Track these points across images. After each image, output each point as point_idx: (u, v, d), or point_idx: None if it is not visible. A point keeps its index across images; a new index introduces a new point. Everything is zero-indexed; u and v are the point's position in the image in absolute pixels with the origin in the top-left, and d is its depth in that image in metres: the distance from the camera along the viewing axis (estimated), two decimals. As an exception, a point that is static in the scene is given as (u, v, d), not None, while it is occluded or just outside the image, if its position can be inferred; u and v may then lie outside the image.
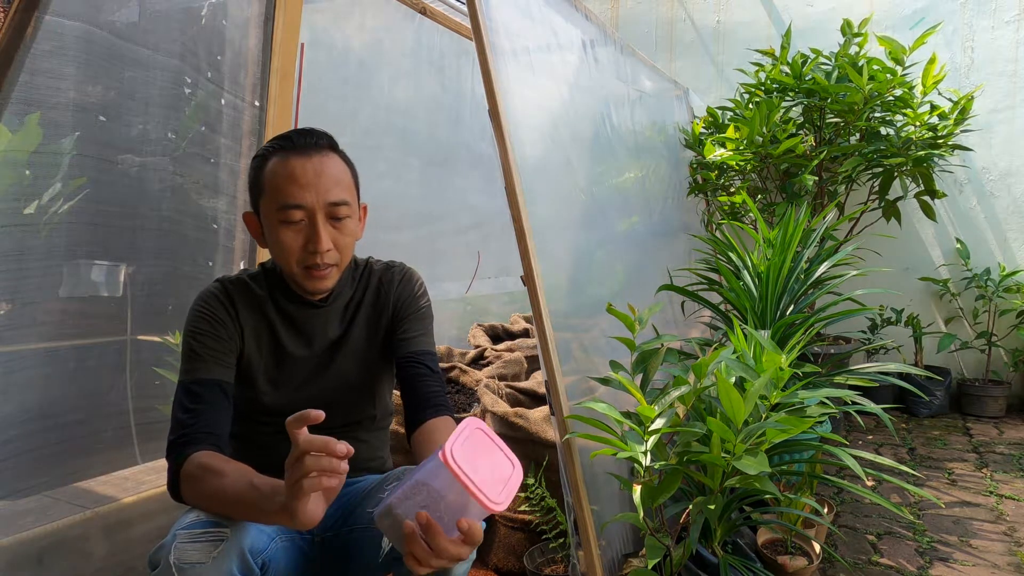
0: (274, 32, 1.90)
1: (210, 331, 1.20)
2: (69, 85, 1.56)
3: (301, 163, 1.17)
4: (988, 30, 3.66)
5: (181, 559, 0.94)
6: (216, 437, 1.12)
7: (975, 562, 1.97)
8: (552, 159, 2.02)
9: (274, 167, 1.18)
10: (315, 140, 1.20)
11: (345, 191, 1.20)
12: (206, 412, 1.13)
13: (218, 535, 0.98)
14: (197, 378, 1.16)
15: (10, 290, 1.49)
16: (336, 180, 1.19)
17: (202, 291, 1.24)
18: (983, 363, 3.69)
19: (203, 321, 1.20)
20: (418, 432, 1.21)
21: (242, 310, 1.25)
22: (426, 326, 1.35)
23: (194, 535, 0.97)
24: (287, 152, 1.18)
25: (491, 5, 1.69)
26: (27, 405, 1.52)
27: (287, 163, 1.17)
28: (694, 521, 1.41)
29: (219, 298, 1.23)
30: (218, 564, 0.96)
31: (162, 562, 0.95)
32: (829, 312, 2.06)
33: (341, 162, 1.23)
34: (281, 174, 1.16)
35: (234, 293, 1.25)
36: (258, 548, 1.04)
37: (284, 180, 1.16)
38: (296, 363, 1.28)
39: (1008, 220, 3.66)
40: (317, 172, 1.17)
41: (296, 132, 1.21)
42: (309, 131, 1.21)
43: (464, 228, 3.32)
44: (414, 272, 1.39)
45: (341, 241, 1.21)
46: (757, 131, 3.01)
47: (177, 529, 0.99)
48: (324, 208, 1.17)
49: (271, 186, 1.17)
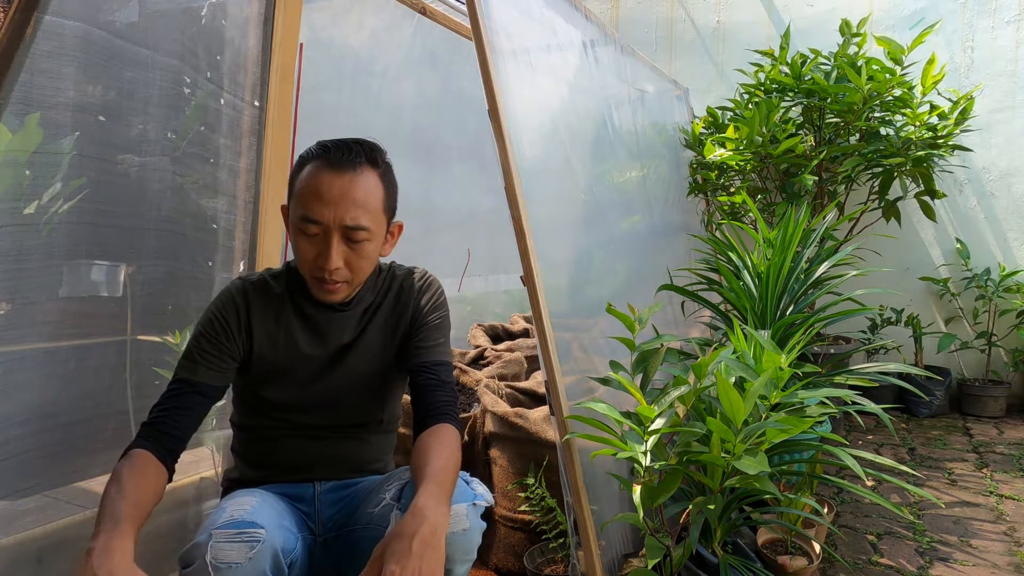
0: (274, 32, 1.90)
1: (212, 335, 1.22)
2: (69, 85, 1.55)
3: (329, 179, 1.16)
4: (988, 30, 3.66)
5: (218, 558, 0.96)
6: (169, 439, 1.15)
7: (975, 562, 1.97)
8: (552, 159, 2.02)
9: (306, 175, 1.18)
10: (352, 157, 1.18)
11: (366, 216, 1.18)
12: (173, 413, 1.16)
13: (254, 535, 1.00)
14: (182, 377, 1.20)
15: (10, 290, 1.49)
16: (359, 203, 1.17)
17: (223, 289, 1.27)
18: (983, 363, 3.69)
19: (210, 324, 1.23)
20: (417, 441, 1.22)
21: (257, 312, 1.26)
22: (443, 335, 1.36)
23: (230, 535, 0.99)
24: (321, 164, 1.17)
25: (491, 5, 1.69)
26: (27, 405, 1.51)
27: (317, 176, 1.17)
28: (694, 521, 1.41)
29: (235, 301, 1.25)
30: (254, 564, 0.97)
31: (197, 561, 0.97)
32: (829, 312, 2.06)
33: (375, 182, 1.20)
34: (308, 185, 1.17)
35: (252, 295, 1.26)
36: (288, 548, 1.06)
37: (309, 192, 1.16)
38: (308, 361, 1.29)
39: (1008, 220, 3.66)
40: (343, 192, 1.16)
41: (336, 145, 1.19)
42: (349, 146, 1.19)
43: (457, 224, 3.31)
44: (435, 280, 1.39)
45: (355, 262, 1.20)
46: (757, 131, 3.01)
47: (212, 528, 1.00)
48: (340, 229, 1.17)
49: (298, 193, 1.19)
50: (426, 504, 1.02)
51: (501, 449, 1.98)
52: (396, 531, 0.99)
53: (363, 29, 2.64)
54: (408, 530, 0.99)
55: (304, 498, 1.29)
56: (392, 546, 0.98)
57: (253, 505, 1.05)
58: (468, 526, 1.12)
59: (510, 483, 1.93)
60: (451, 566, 1.11)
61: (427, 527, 0.99)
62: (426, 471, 1.10)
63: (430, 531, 0.99)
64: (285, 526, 1.07)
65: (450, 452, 1.17)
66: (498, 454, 1.99)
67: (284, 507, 1.16)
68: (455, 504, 1.12)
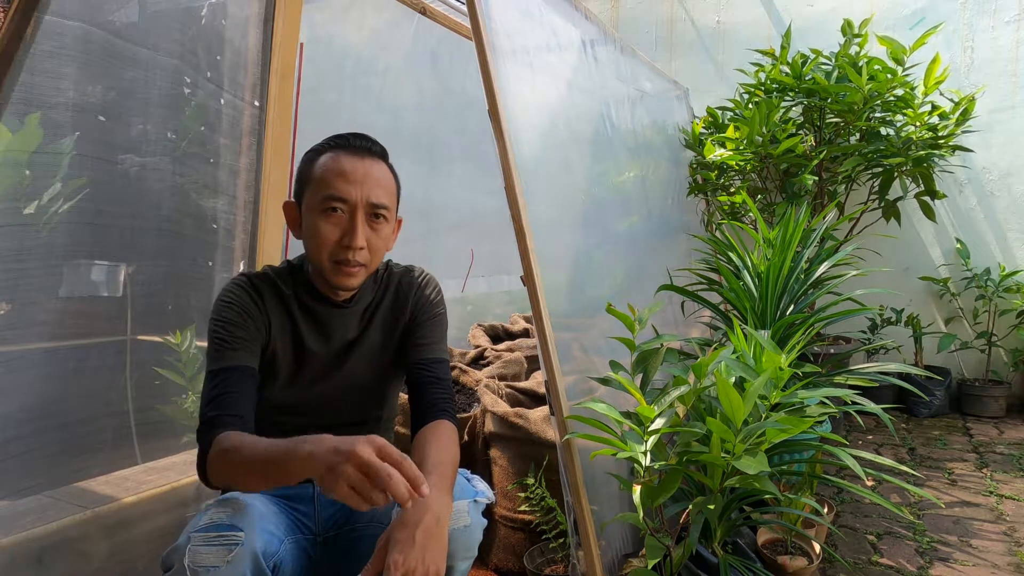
0: (274, 32, 1.90)
1: (237, 320, 1.20)
2: (69, 85, 1.55)
3: (352, 161, 1.22)
4: (988, 30, 3.66)
5: (196, 562, 0.95)
6: (241, 420, 1.12)
7: (975, 562, 1.97)
8: (552, 159, 2.02)
9: (326, 161, 1.22)
10: (369, 145, 1.26)
11: (387, 196, 1.25)
12: (230, 396, 1.14)
13: (232, 539, 0.98)
14: (223, 366, 1.17)
15: (10, 290, 1.49)
16: (382, 184, 1.24)
17: (228, 283, 1.26)
18: (983, 363, 3.69)
19: (230, 310, 1.20)
20: (416, 436, 1.23)
21: (268, 301, 1.26)
22: (440, 333, 1.37)
23: (208, 538, 0.98)
24: (341, 149, 1.23)
25: (491, 5, 1.69)
26: (27, 405, 1.51)
27: (339, 159, 1.22)
28: (694, 521, 1.41)
29: (246, 289, 1.24)
30: (232, 568, 0.96)
31: (176, 564, 0.96)
32: (829, 312, 2.05)
33: (388, 170, 1.28)
34: (331, 168, 1.21)
35: (260, 286, 1.26)
36: (270, 551, 1.05)
37: (333, 174, 1.20)
38: (313, 361, 1.29)
39: (1008, 220, 3.66)
40: (366, 172, 1.22)
41: (353, 134, 1.26)
42: (365, 136, 1.27)
43: (459, 225, 3.32)
44: (432, 278, 1.41)
45: (375, 243, 1.24)
46: (757, 131, 3.00)
47: (191, 531, 0.99)
48: (365, 206, 1.21)
49: (319, 177, 1.21)
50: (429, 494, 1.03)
51: (501, 449, 1.98)
52: (400, 521, 1.01)
53: (363, 29, 2.64)
54: (412, 520, 1.00)
55: (304, 498, 1.29)
56: (396, 536, 0.99)
57: (235, 508, 1.04)
58: (469, 522, 1.13)
59: (510, 483, 1.93)
60: (452, 563, 1.12)
61: (430, 516, 1.01)
62: (426, 464, 1.12)
63: (433, 520, 1.01)
64: (267, 529, 1.05)
65: (449, 447, 1.18)
66: (498, 454, 1.99)
67: (272, 509, 1.15)
68: (457, 501, 1.12)
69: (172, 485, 1.68)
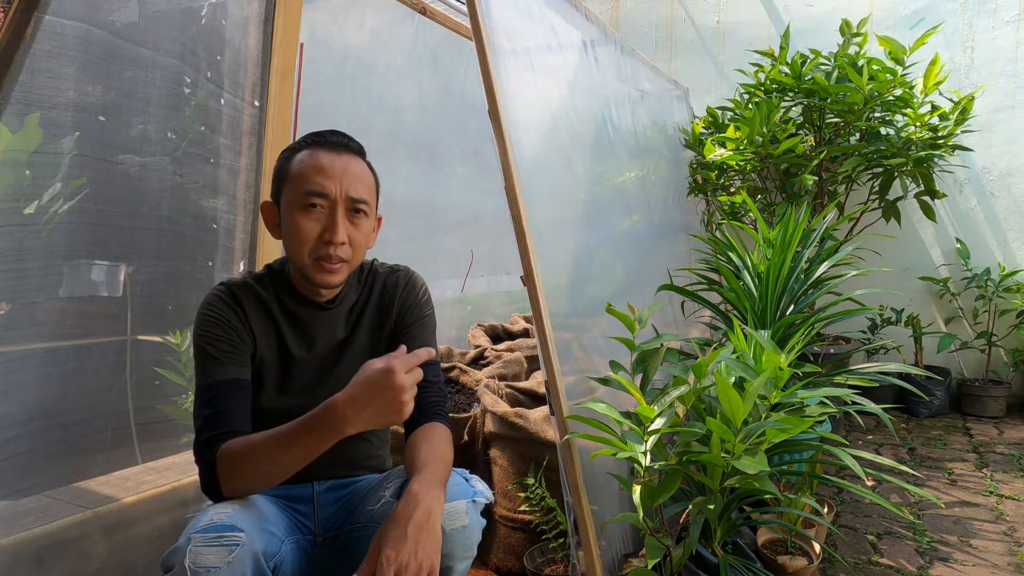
0: (274, 32, 1.90)
1: (221, 334, 1.19)
2: (69, 85, 1.55)
3: (330, 157, 1.22)
4: (988, 30, 3.66)
5: (196, 563, 0.95)
6: (238, 434, 1.12)
7: (975, 562, 1.97)
8: (552, 159, 2.02)
9: (304, 157, 1.22)
10: (346, 141, 1.26)
11: (367, 191, 1.25)
12: (225, 411, 1.14)
13: (233, 539, 0.98)
14: (213, 381, 1.16)
15: (10, 290, 1.49)
16: (361, 179, 1.24)
17: (207, 295, 1.24)
18: (983, 363, 3.69)
19: (212, 324, 1.20)
20: (408, 440, 1.23)
21: (250, 311, 1.24)
22: (429, 333, 1.36)
23: (208, 539, 0.97)
24: (319, 146, 1.23)
25: (491, 5, 1.69)
26: (27, 405, 1.51)
27: (317, 155, 1.22)
28: (694, 521, 1.41)
29: (225, 300, 1.23)
30: (233, 568, 0.96)
31: (176, 565, 0.96)
32: (829, 312, 2.05)
33: (367, 167, 1.28)
34: (310, 164, 1.21)
35: (240, 295, 1.25)
36: (271, 552, 1.05)
37: (312, 169, 1.20)
38: (300, 366, 1.28)
39: (1008, 220, 3.66)
40: (344, 168, 1.22)
41: (329, 132, 1.26)
42: (342, 133, 1.27)
43: (459, 225, 3.32)
44: (418, 277, 1.40)
45: (356, 238, 1.23)
46: (757, 131, 3.01)
47: (192, 532, 0.99)
48: (345, 201, 1.21)
49: (298, 174, 1.21)
50: (419, 489, 1.04)
51: (501, 449, 1.98)
52: (391, 517, 1.01)
53: (364, 29, 2.64)
54: (403, 515, 1.01)
55: (303, 498, 1.29)
56: (388, 532, 1.00)
57: (235, 508, 1.04)
58: (468, 522, 1.13)
59: (510, 483, 1.93)
60: (451, 563, 1.12)
61: (421, 511, 1.01)
62: (417, 462, 1.13)
63: (424, 515, 1.01)
64: (268, 529, 1.05)
65: (440, 446, 1.18)
66: (498, 454, 1.99)
67: (272, 510, 1.15)
68: (455, 501, 1.12)
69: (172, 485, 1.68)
